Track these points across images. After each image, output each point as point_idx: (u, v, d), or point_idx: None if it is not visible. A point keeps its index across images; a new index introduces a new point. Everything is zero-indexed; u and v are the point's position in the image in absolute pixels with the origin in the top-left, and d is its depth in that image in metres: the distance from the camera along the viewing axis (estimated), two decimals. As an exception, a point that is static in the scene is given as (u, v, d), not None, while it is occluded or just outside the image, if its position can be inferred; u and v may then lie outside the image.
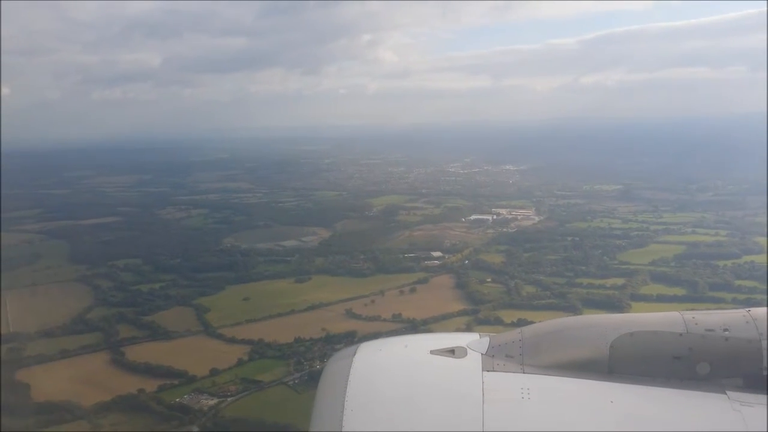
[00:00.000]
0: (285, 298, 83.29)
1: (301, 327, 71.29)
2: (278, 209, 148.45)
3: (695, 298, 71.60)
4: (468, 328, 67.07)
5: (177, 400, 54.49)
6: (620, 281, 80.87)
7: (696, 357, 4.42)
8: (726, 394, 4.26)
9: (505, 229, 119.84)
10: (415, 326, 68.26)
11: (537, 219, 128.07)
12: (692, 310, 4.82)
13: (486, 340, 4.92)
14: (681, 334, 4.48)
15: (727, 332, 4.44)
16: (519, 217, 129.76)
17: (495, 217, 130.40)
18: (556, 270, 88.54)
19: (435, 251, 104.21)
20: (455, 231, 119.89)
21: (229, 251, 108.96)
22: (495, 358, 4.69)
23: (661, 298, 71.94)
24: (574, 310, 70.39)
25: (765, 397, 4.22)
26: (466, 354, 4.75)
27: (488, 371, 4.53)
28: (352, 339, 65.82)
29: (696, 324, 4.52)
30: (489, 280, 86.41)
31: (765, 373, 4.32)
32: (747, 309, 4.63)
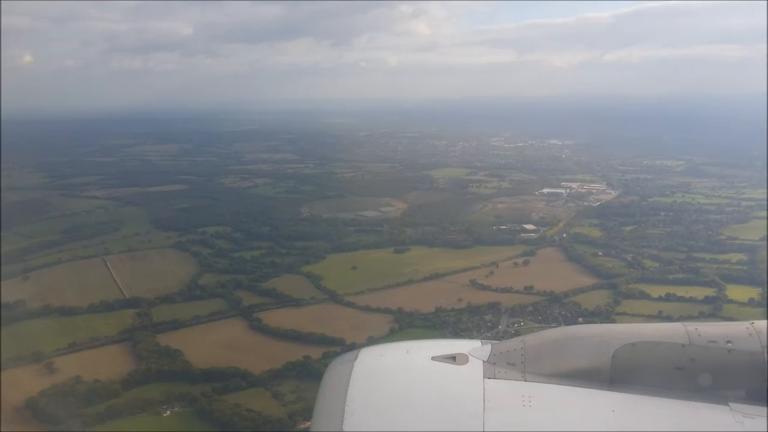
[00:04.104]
0: (394, 268, 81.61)
1: (432, 296, 69.69)
2: (340, 180, 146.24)
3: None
4: (614, 302, 65.66)
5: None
6: (743, 257, 79.14)
7: (698, 368, 4.34)
8: (728, 405, 4.20)
9: (585, 203, 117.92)
10: (556, 299, 66.45)
11: (614, 193, 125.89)
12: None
13: (488, 348, 4.84)
14: (684, 345, 4.42)
15: (730, 344, 4.38)
16: (594, 191, 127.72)
17: (568, 190, 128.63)
18: (667, 244, 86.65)
19: (526, 224, 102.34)
20: (535, 204, 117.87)
21: (313, 220, 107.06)
22: (496, 365, 4.61)
23: (801, 274, 70.09)
24: (715, 286, 68.99)
25: (767, 409, 4.16)
26: (467, 361, 4.65)
27: (489, 378, 4.46)
28: (497, 310, 64.30)
29: (699, 335, 4.45)
30: (600, 253, 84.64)
31: None
32: (750, 322, 4.55)
